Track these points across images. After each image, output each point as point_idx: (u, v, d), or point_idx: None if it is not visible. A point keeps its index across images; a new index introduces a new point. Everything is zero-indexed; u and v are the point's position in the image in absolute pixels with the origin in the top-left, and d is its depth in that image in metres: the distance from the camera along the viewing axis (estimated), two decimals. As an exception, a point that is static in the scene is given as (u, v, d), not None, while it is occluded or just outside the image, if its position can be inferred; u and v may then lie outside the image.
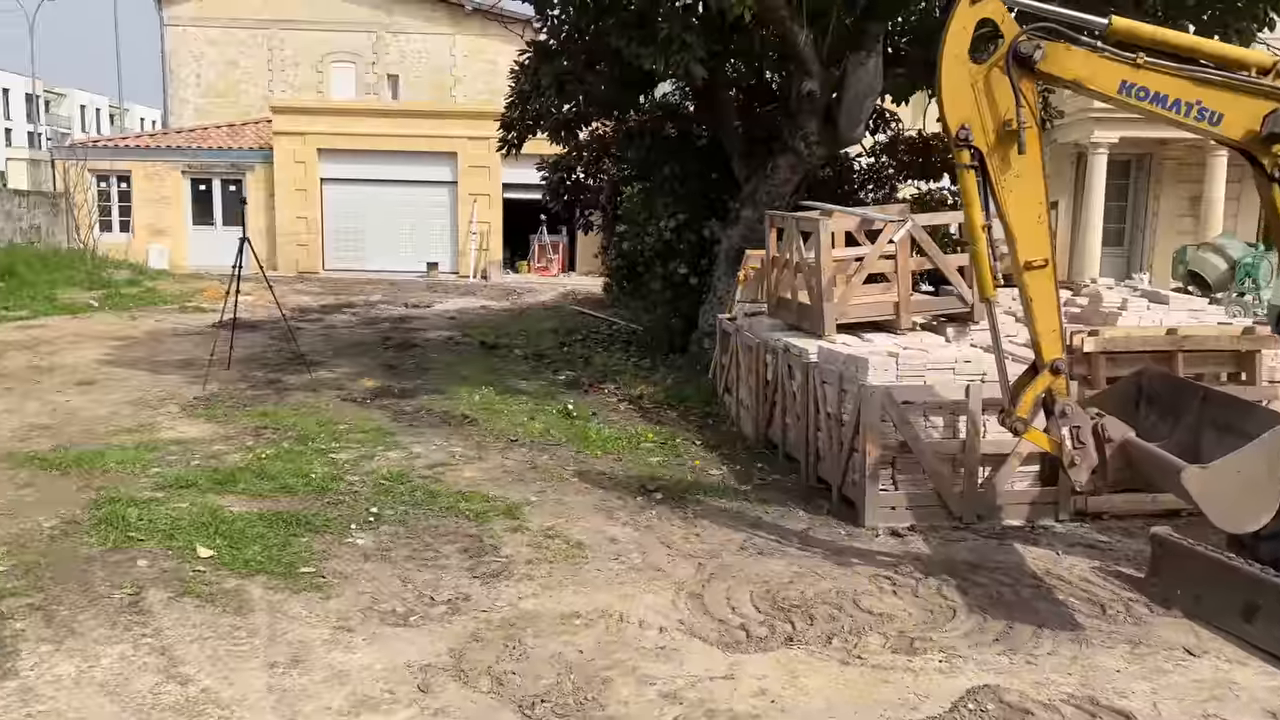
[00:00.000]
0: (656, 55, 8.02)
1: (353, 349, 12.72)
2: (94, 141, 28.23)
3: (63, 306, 15.40)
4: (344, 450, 7.46)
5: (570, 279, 26.02)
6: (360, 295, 19.79)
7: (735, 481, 7.10)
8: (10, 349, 11.34)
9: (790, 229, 7.90)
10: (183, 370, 10.52)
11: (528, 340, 13.88)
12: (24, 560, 4.97)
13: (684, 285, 11.62)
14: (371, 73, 34.03)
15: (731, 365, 9.00)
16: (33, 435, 7.53)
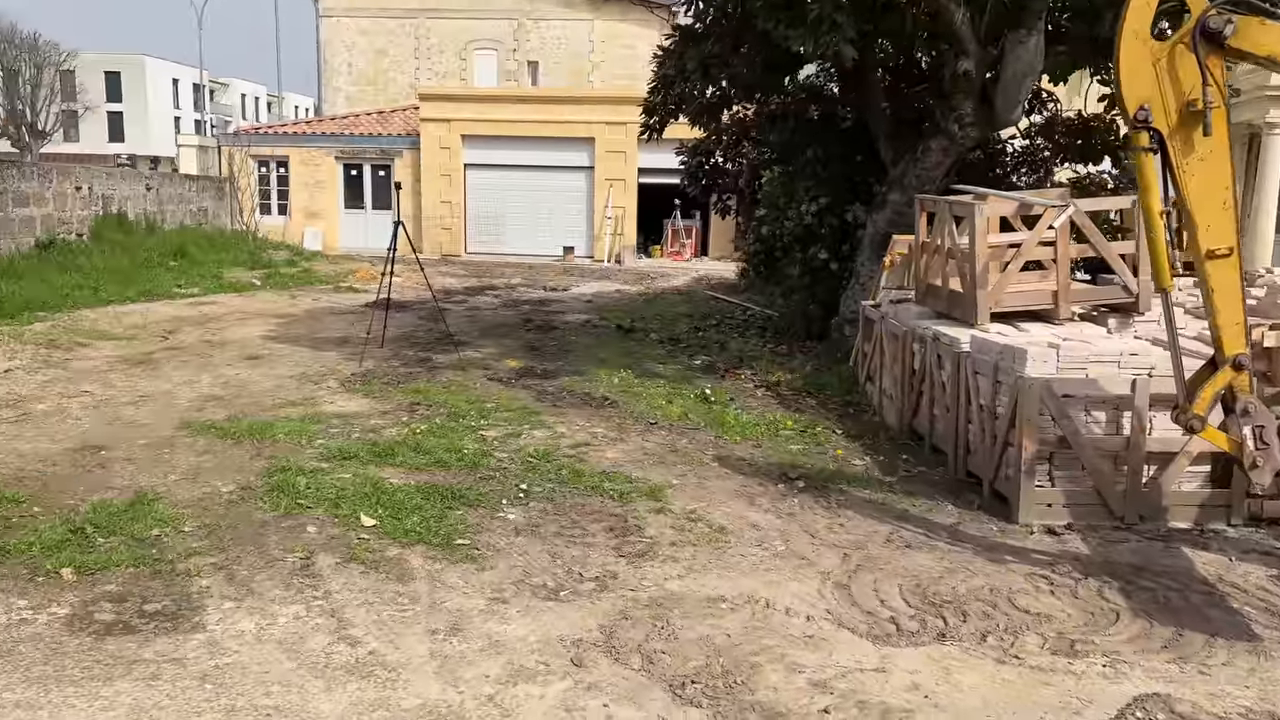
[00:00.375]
0: (805, 36, 7.90)
1: (496, 330, 13.08)
2: (255, 129, 29.88)
3: (229, 285, 16.38)
4: (492, 428, 7.69)
5: (703, 264, 26.02)
6: (501, 278, 20.30)
7: (879, 472, 6.98)
8: (185, 324, 12.16)
9: (943, 213, 7.68)
10: (340, 347, 11.05)
11: (662, 325, 13.97)
12: (206, 522, 5.33)
13: (823, 271, 11.45)
14: (512, 59, 34.79)
15: (875, 353, 8.83)
16: (208, 405, 8.06)
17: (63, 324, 11.56)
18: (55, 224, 17.10)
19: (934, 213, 8.00)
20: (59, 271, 14.84)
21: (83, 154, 54.95)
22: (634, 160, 26.40)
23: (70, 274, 14.91)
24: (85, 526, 5.11)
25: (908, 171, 8.98)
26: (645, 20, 34.85)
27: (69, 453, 6.55)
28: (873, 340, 8.90)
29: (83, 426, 7.24)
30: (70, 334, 10.91)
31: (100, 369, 9.34)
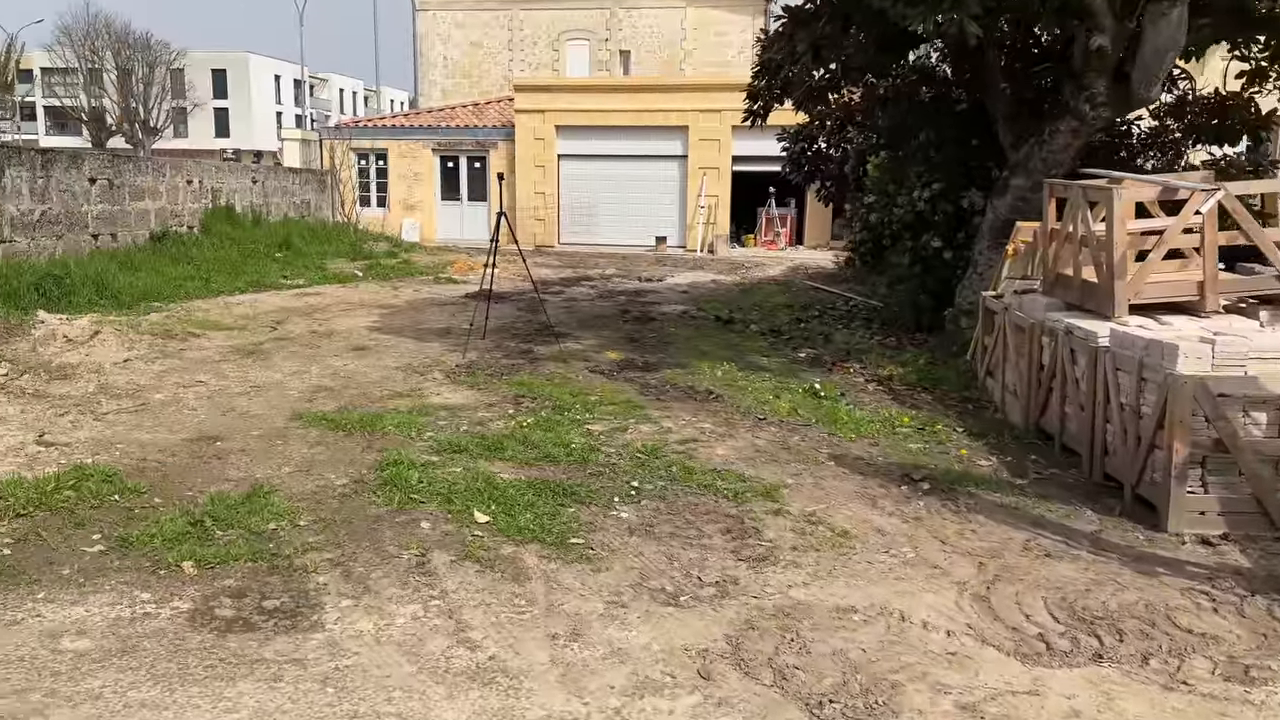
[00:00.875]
0: (926, 14, 7.51)
1: (594, 321, 12.96)
2: (355, 122, 30.47)
3: (332, 276, 16.66)
4: (598, 421, 7.54)
5: (798, 253, 25.54)
6: (595, 269, 20.23)
7: (1008, 474, 6.60)
8: (293, 315, 12.36)
9: (1075, 199, 7.21)
10: (443, 339, 11.06)
11: (762, 315, 13.67)
12: (321, 516, 5.30)
13: (935, 259, 11.00)
14: (604, 49, 34.73)
15: (996, 347, 8.40)
16: (318, 396, 8.10)
17: (176, 314, 11.87)
18: (168, 217, 17.66)
19: (1065, 198, 7.53)
20: (172, 263, 15.30)
21: (191, 149, 57.13)
22: (728, 148, 26.05)
23: (182, 265, 15.36)
24: (204, 519, 5.11)
25: (1032, 155, 8.49)
26: (736, 6, 34.38)
27: (186, 443, 6.63)
28: (994, 333, 8.46)
29: (198, 417, 7.34)
30: (184, 324, 11.18)
31: (213, 359, 9.51)
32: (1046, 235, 7.71)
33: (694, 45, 34.61)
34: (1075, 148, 8.72)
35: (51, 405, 7.50)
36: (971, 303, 9.60)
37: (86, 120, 59.49)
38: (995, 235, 9.22)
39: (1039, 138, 8.36)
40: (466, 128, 27.78)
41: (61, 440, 6.53)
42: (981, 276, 9.46)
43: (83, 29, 60.12)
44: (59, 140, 63.49)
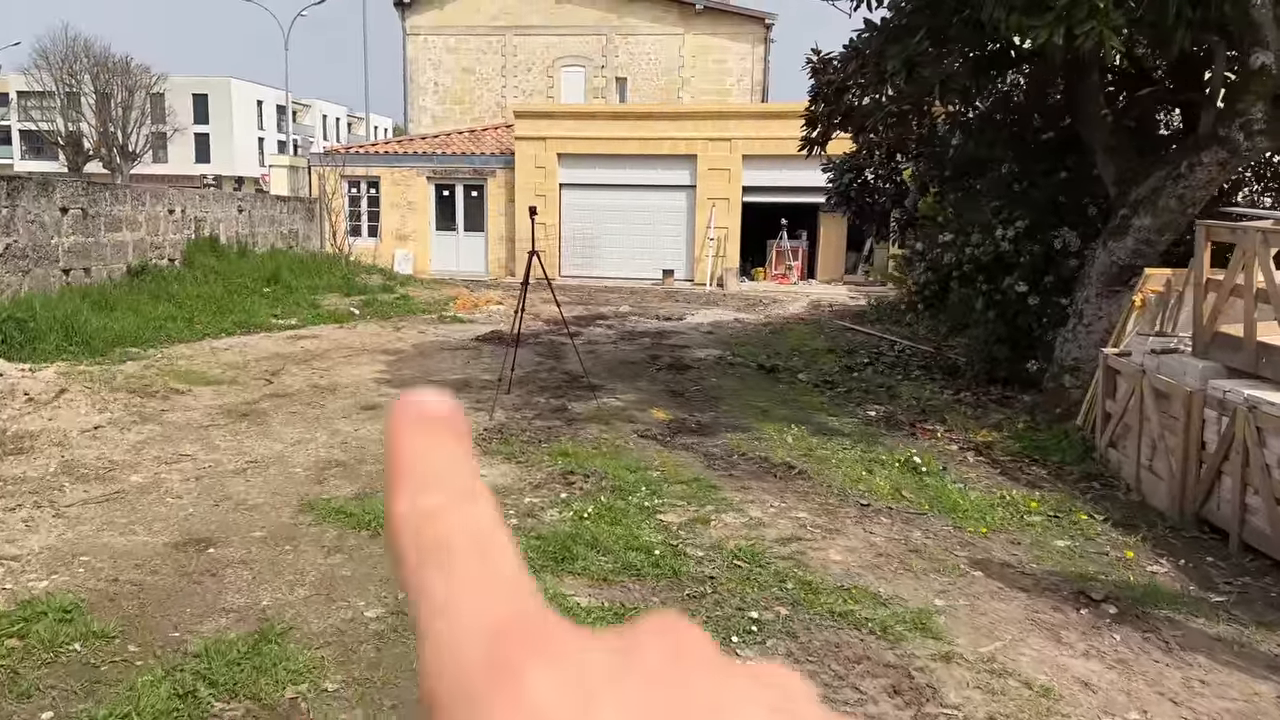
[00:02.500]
0: (1054, 26, 6.33)
1: (624, 368, 11.67)
2: (346, 148, 29.20)
3: (327, 315, 15.31)
4: (670, 509, 6.24)
5: (812, 287, 24.40)
6: (608, 305, 18.97)
7: (1195, 586, 5.33)
8: (288, 364, 10.99)
9: (1250, 244, 6.01)
10: (462, 393, 9.73)
11: (805, 362, 12.43)
12: (355, 676, 3.94)
13: (1017, 305, 9.79)
14: (600, 75, 33.69)
15: (1127, 414, 7.17)
16: (329, 475, 6.75)
17: (156, 363, 10.48)
18: (147, 248, 16.26)
19: (1230, 242, 6.33)
20: (151, 300, 13.91)
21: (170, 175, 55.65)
22: (738, 178, 24.94)
23: (163, 303, 13.97)
24: (197, 686, 3.76)
25: (1163, 191, 7.33)
26: (737, 34, 33.47)
27: (170, 550, 5.26)
28: (1123, 398, 7.23)
29: (185, 509, 5.96)
30: (165, 376, 9.79)
31: (200, 423, 8.14)
32: (1201, 286, 6.50)
33: (692, 72, 33.67)
34: (1218, 183, 7.58)
35: (2, 493, 6.11)
36: (1076, 359, 8.39)
37: (63, 145, 57.90)
38: (1108, 282, 8.03)
39: (1174, 171, 7.21)
40: (463, 155, 26.55)
41: (9, 552, 5.14)
42: (1089, 329, 8.25)
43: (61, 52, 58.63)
44: (35, 165, 61.83)
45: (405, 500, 0.28)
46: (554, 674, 0.25)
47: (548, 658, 0.25)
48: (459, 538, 0.27)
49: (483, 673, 0.25)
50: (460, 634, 0.26)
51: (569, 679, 0.25)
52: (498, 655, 0.25)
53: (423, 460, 0.28)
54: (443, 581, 0.26)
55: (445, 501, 0.28)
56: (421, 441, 0.29)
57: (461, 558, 0.27)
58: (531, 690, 0.24)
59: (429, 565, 0.27)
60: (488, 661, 0.25)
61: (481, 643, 0.25)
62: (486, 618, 0.26)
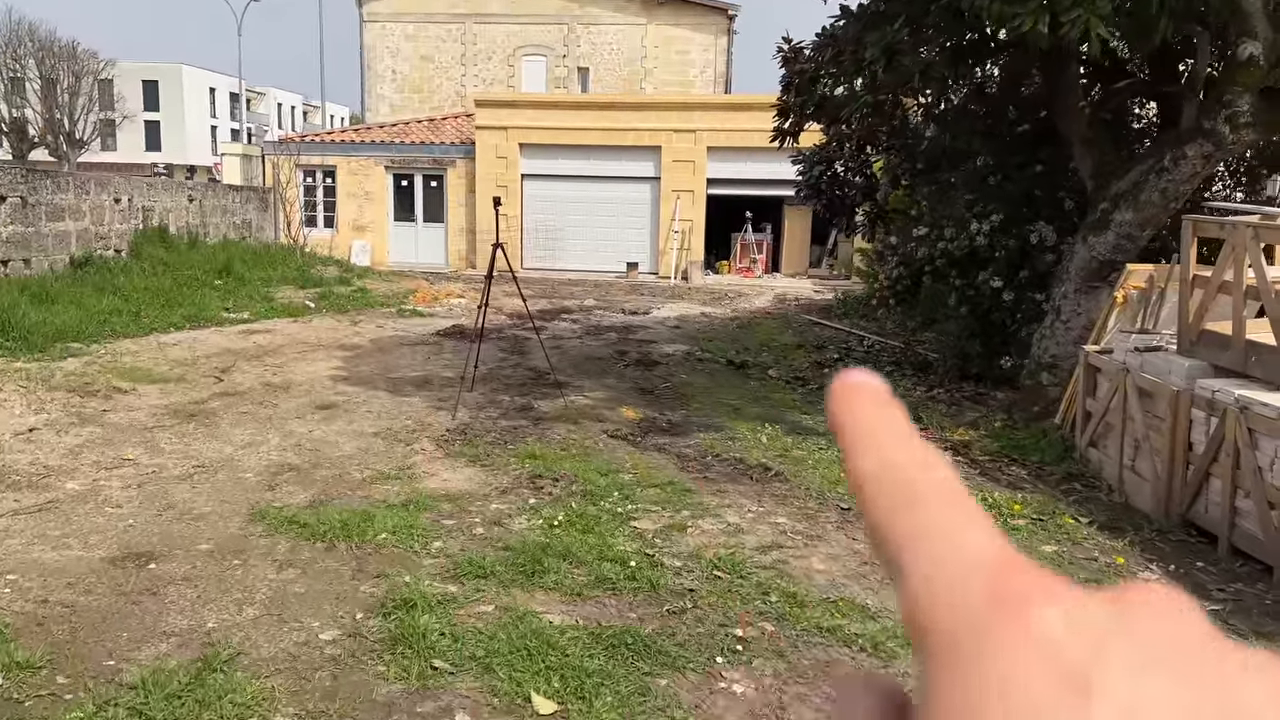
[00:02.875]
0: (1039, 14, 6.12)
1: (591, 364, 11.36)
2: (302, 137, 28.45)
3: (281, 308, 14.80)
4: (644, 515, 5.96)
5: (776, 281, 24.23)
6: (572, 299, 18.62)
7: (1191, 593, 5.14)
8: (239, 360, 10.53)
9: (1241, 240, 5.85)
10: (423, 391, 9.37)
11: (776, 358, 12.21)
12: (309, 708, 3.61)
13: (991, 301, 9.63)
14: (561, 65, 33.27)
15: (1109, 413, 7.01)
16: (282, 481, 6.37)
17: (99, 360, 9.97)
18: (92, 239, 15.62)
19: (1219, 239, 6.17)
20: (95, 293, 13.32)
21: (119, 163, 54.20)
22: (703, 170, 24.68)
23: (108, 296, 13.38)
24: (133, 723, 3.40)
25: (1145, 185, 7.17)
26: (700, 25, 33.18)
27: (107, 566, 4.87)
28: (1104, 397, 7.07)
29: (124, 520, 5.55)
30: (108, 374, 9.31)
31: (144, 424, 7.70)
32: (1188, 283, 6.34)
33: (655, 63, 33.35)
34: (1202, 176, 7.44)
35: (-76, 503, 5.66)
36: (1054, 356, 8.24)
37: (7, 131, 56.13)
38: (1087, 278, 7.87)
39: (1156, 165, 7.05)
40: (422, 144, 25.99)
41: (-72, 570, 4.72)
42: (1067, 325, 8.09)
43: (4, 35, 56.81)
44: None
45: (870, 457, 0.29)
46: (1064, 614, 0.25)
47: (1054, 599, 0.25)
48: (929, 487, 0.28)
49: (987, 603, 0.25)
50: (952, 566, 0.26)
51: (1077, 621, 0.25)
52: (1002, 588, 0.25)
53: (879, 424, 0.29)
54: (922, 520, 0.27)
55: (908, 459, 0.29)
56: (869, 409, 0.30)
57: (935, 502, 0.28)
58: (1043, 623, 0.24)
59: (904, 509, 0.28)
60: (991, 593, 0.25)
61: (980, 575, 0.26)
62: (979, 553, 0.26)
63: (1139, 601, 0.26)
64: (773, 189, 24.76)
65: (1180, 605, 0.27)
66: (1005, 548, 0.27)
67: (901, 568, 0.27)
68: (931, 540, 0.27)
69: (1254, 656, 0.26)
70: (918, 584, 0.27)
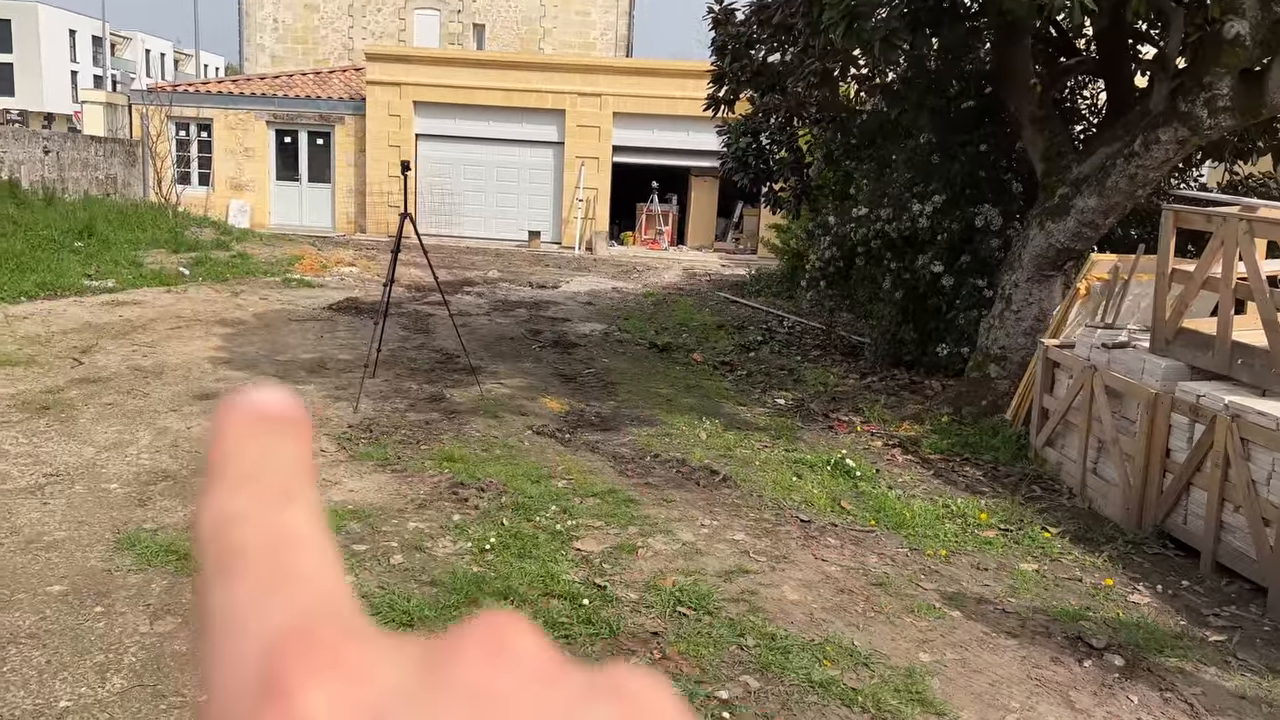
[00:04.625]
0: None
1: (503, 345, 10.51)
2: (174, 86, 26.21)
3: (152, 275, 13.36)
4: (587, 533, 5.24)
5: (683, 253, 23.64)
6: (474, 270, 17.61)
7: (1184, 619, 4.76)
8: (103, 338, 9.27)
9: (1231, 233, 5.45)
10: (318, 376, 8.38)
11: (696, 339, 11.59)
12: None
13: (928, 286, 9.20)
14: (456, 21, 31.80)
15: (1071, 412, 6.61)
16: (154, 492, 5.39)
17: (-68, 336, 8.60)
18: (-72, 194, 13.82)
19: (1204, 231, 5.78)
20: (-70, 256, 11.71)
21: (-34, 108, 49.68)
22: (608, 136, 23.79)
23: (-55, 259, 11.79)
24: None
25: (1112, 169, 6.76)
26: (600, -15, 32.18)
27: (-74, 620, 3.86)
28: (1066, 394, 6.67)
29: (-48, 552, 4.51)
30: (-58, 354, 7.99)
31: (-16, 419, 6.53)
32: (1167, 277, 5.94)
33: (554, 23, 32.20)
34: (1174, 162, 7.08)
35: None
36: (1003, 347, 7.84)
37: None
38: (1041, 266, 7.47)
39: (1125, 149, 6.64)
40: (307, 99, 24.28)
41: None
42: (1018, 315, 7.69)
43: None
44: None
45: (209, 506, 0.24)
46: (334, 694, 0.21)
47: (329, 674, 0.22)
48: (255, 543, 0.24)
49: (252, 695, 0.22)
50: (235, 651, 0.22)
51: (352, 700, 0.21)
52: (269, 673, 0.22)
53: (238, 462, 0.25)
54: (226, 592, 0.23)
55: (250, 505, 0.24)
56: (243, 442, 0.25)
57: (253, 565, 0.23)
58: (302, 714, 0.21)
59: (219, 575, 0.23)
60: (259, 681, 0.22)
61: (255, 660, 0.22)
62: (266, 631, 0.22)
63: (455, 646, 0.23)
64: (680, 159, 24.14)
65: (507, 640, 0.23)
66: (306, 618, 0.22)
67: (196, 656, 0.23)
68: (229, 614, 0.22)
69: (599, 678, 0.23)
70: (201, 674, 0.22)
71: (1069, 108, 9.38)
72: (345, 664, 0.22)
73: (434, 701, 0.22)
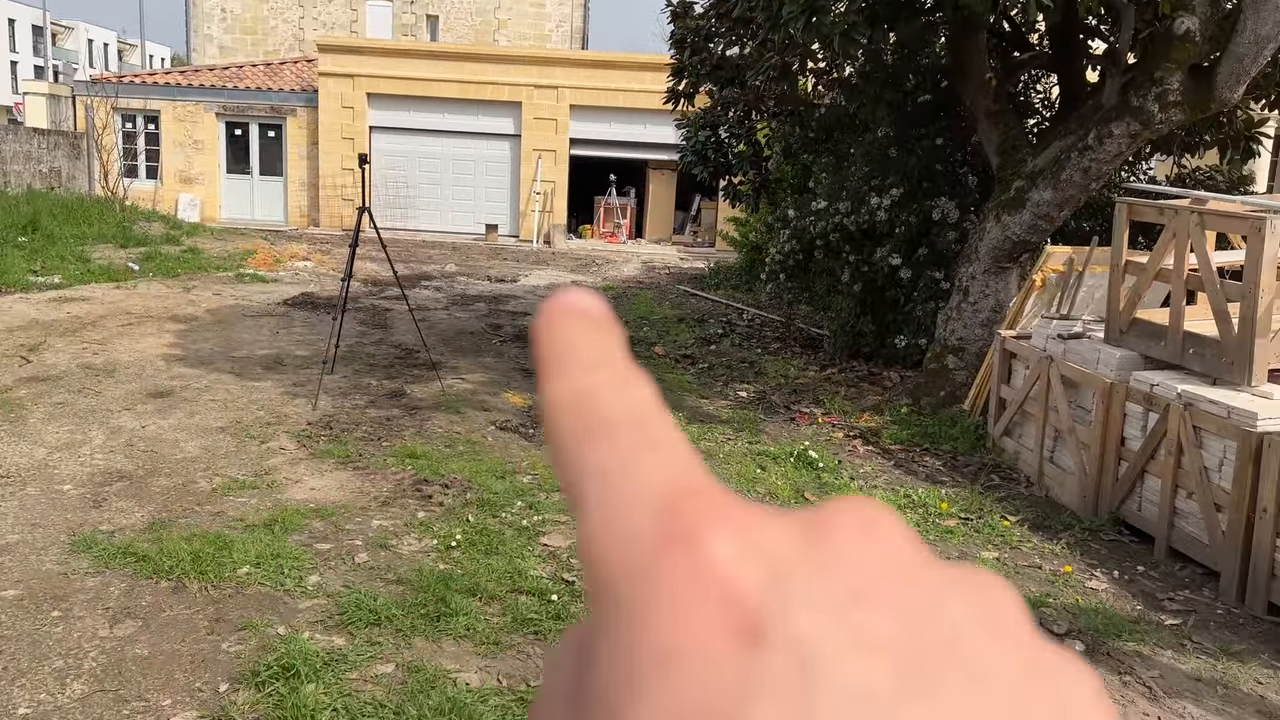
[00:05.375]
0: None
1: (463, 341, 10.45)
2: (120, 77, 25.60)
3: (100, 271, 13.07)
4: (553, 528, 5.22)
5: (641, 247, 23.64)
6: (432, 264, 17.46)
7: (1141, 604, 4.87)
8: (51, 335, 9.04)
9: (1182, 225, 5.57)
10: (275, 373, 8.25)
11: (658, 333, 11.61)
12: (166, 840, 2.72)
13: (886, 278, 9.30)
14: (409, 12, 31.45)
15: (1028, 402, 6.73)
16: (111, 494, 5.27)
17: None
18: None
19: (1157, 224, 5.90)
20: None
21: (-100, 98, 48.10)
22: (565, 129, 23.71)
23: (-118, 256, 11.42)
24: None
25: (1066, 163, 6.87)
26: (555, -23, 32.02)
27: (-126, 629, 3.75)
28: (1023, 385, 6.78)
29: (-100, 558, 4.38)
30: (-119, 353, 7.75)
31: (-72, 420, 6.34)
32: (1120, 269, 6.06)
33: (508, 15, 31.95)
34: (1126, 156, 7.20)
35: None
36: (961, 338, 7.95)
37: None
38: (998, 258, 7.58)
39: (1079, 142, 6.76)
40: (258, 90, 23.89)
41: None
42: (975, 307, 7.80)
43: None
44: None
45: (563, 381, 0.26)
46: (738, 542, 0.23)
47: (729, 527, 0.23)
48: (621, 413, 0.25)
49: (655, 541, 0.23)
50: (628, 502, 0.24)
51: (754, 550, 0.23)
52: (672, 522, 0.23)
53: (577, 346, 0.27)
54: (607, 452, 0.25)
55: (604, 381, 0.26)
56: (574, 330, 0.27)
57: (625, 430, 0.25)
58: (712, 557, 0.22)
59: (590, 439, 0.25)
60: (660, 529, 0.23)
61: (652, 510, 0.23)
62: (657, 485, 0.24)
63: (830, 520, 0.24)
64: (637, 152, 24.13)
65: (877, 520, 0.24)
66: (690, 474, 0.24)
67: (581, 503, 0.24)
68: (615, 470, 0.24)
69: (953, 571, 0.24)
70: (591, 525, 0.24)
71: (1023, 102, 9.53)
72: (739, 519, 0.23)
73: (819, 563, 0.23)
